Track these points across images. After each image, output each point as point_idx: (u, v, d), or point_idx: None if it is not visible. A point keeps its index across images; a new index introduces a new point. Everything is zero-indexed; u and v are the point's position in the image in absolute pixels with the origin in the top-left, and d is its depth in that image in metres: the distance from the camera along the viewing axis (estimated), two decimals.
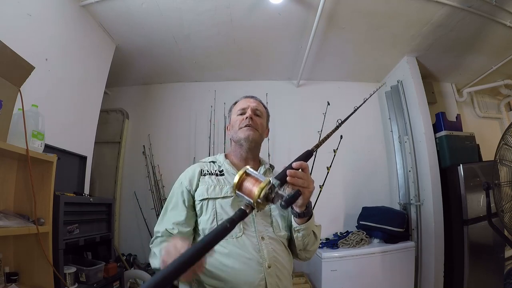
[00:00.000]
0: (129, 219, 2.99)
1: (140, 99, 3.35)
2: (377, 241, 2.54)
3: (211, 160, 1.01)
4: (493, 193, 1.82)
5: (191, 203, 0.91)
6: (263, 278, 0.78)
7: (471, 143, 2.77)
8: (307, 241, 0.86)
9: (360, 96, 1.14)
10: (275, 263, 0.82)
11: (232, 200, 0.86)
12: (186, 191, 0.92)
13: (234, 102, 1.06)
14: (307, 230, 0.83)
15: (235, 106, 1.04)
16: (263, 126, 1.00)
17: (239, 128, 0.96)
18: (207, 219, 0.86)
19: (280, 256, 0.84)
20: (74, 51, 2.04)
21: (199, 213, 0.89)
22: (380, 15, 2.24)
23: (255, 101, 1.02)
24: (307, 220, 0.81)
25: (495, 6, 2.14)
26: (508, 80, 3.20)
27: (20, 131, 1.18)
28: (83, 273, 1.50)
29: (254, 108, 0.99)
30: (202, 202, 0.88)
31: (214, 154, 2.83)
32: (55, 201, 1.34)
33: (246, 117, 0.95)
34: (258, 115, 1.00)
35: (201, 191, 0.89)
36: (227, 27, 2.36)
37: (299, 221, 0.81)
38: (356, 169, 3.03)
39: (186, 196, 0.91)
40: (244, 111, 0.98)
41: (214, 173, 0.94)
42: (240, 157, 0.98)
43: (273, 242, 0.85)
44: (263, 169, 0.99)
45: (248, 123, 0.94)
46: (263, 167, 1.00)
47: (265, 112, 1.05)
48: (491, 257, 2.36)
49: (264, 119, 1.03)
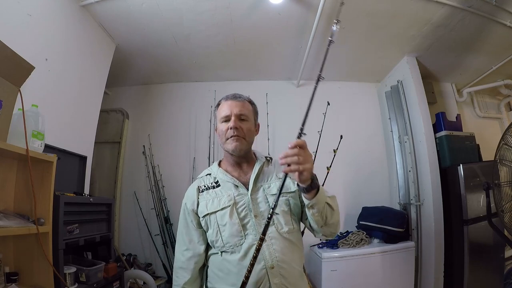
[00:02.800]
0: (129, 219, 2.99)
1: (140, 99, 3.35)
2: (377, 241, 2.54)
3: (207, 173, 1.04)
4: (493, 193, 1.83)
5: (198, 222, 0.98)
6: (267, 280, 0.83)
7: (471, 143, 2.77)
8: (324, 215, 0.85)
9: (360, 96, 1.15)
10: (278, 263, 0.85)
11: (229, 209, 0.91)
12: (191, 213, 0.98)
13: (217, 103, 1.02)
14: (319, 204, 0.82)
15: (218, 109, 1.01)
16: (250, 131, 0.98)
17: (226, 139, 0.95)
18: (212, 232, 0.92)
19: (284, 254, 0.87)
20: (74, 51, 2.04)
21: (206, 228, 0.95)
22: (380, 15, 2.24)
23: (237, 105, 0.97)
24: (316, 193, 0.80)
25: (495, 6, 2.13)
26: (508, 80, 3.21)
27: (20, 131, 1.17)
28: (83, 273, 1.50)
29: (238, 114, 0.95)
30: (205, 218, 0.94)
31: (214, 154, 2.86)
32: (55, 201, 1.34)
33: (230, 128, 0.93)
34: (244, 119, 0.97)
35: (202, 208, 0.95)
36: (227, 27, 2.36)
37: (308, 196, 0.81)
38: (356, 169, 3.03)
39: (193, 217, 0.98)
40: (228, 118, 0.96)
41: (211, 186, 0.98)
42: (233, 163, 1.01)
43: (276, 242, 0.87)
44: (258, 165, 0.99)
45: (233, 134, 0.93)
46: (258, 163, 1.00)
47: (251, 111, 1.01)
48: (491, 257, 2.36)
49: (251, 120, 1.00)
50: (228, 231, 0.89)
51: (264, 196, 0.93)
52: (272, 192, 0.93)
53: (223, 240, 0.89)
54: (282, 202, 0.92)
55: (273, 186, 0.94)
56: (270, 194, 0.93)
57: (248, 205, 0.91)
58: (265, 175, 0.98)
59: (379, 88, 3.31)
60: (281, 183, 0.77)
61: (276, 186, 0.94)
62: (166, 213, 2.86)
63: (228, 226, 0.89)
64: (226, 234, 0.89)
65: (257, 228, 0.87)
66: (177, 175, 3.04)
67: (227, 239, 0.88)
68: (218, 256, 0.91)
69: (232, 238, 0.88)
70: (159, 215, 2.85)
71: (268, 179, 0.97)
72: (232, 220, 0.89)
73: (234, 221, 0.89)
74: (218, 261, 0.91)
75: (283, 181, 0.77)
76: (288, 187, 0.95)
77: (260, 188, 0.95)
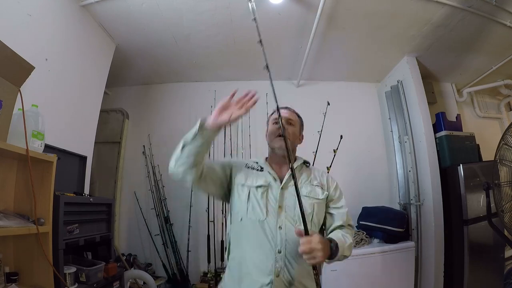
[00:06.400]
0: (129, 219, 2.99)
1: (140, 99, 3.35)
2: (377, 241, 2.53)
3: (255, 161, 1.16)
4: (493, 193, 1.82)
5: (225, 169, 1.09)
6: (273, 264, 0.92)
7: (471, 143, 2.77)
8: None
9: (360, 96, 1.17)
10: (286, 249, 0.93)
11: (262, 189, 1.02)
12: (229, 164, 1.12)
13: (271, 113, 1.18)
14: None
15: (270, 117, 1.18)
16: (295, 134, 1.13)
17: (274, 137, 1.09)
18: (242, 201, 1.02)
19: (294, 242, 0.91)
20: (74, 51, 2.04)
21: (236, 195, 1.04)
22: (380, 15, 2.24)
23: (286, 112, 1.16)
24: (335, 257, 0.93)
25: (495, 6, 2.13)
26: (508, 80, 3.21)
27: (20, 131, 1.17)
28: (83, 273, 1.50)
29: (287, 118, 1.12)
30: (239, 186, 1.05)
31: (214, 154, 2.86)
32: (55, 201, 1.34)
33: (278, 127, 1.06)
34: (291, 124, 1.12)
35: (240, 178, 1.06)
36: (227, 27, 2.36)
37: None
38: (356, 169, 3.03)
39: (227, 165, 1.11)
40: (277, 121, 1.08)
41: (256, 168, 1.11)
42: (277, 162, 1.12)
43: (290, 232, 0.94)
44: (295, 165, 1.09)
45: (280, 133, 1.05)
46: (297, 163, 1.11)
47: (298, 121, 1.18)
48: (491, 257, 2.36)
49: (297, 128, 1.16)
50: (252, 207, 0.99)
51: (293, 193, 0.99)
52: (302, 193, 1.02)
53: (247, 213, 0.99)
54: (307, 204, 1.00)
55: (304, 189, 1.05)
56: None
57: (276, 196, 1.00)
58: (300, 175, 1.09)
59: (379, 88, 3.31)
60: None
61: (307, 190, 1.05)
62: (166, 213, 2.86)
63: (255, 204, 0.99)
64: (250, 208, 0.99)
65: (276, 217, 0.97)
66: None
67: (250, 213, 0.99)
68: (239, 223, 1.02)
69: (254, 214, 0.98)
70: (159, 215, 2.85)
71: (301, 181, 1.08)
72: (260, 200, 0.99)
73: (260, 202, 0.99)
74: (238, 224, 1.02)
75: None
76: (316, 194, 1.05)
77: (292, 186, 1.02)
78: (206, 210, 2.77)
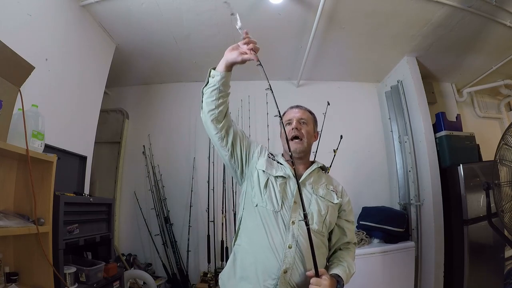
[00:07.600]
0: (129, 219, 2.99)
1: (140, 99, 3.35)
2: (377, 241, 2.53)
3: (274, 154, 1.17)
4: (493, 193, 1.82)
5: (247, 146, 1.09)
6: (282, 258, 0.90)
7: (471, 143, 2.76)
8: None
9: (360, 96, 1.17)
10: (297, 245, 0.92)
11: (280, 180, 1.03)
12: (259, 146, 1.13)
13: (283, 113, 1.18)
14: None
15: (284, 117, 1.17)
16: (309, 133, 1.13)
17: (289, 140, 1.08)
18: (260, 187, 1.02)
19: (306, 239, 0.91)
20: (74, 51, 2.04)
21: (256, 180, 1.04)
22: (380, 15, 2.24)
23: (298, 111, 1.16)
24: None
25: (495, 6, 2.14)
26: (508, 80, 3.21)
27: (20, 131, 1.17)
28: (83, 273, 1.50)
29: (299, 117, 1.13)
30: (260, 171, 1.05)
31: (214, 154, 2.85)
32: (55, 201, 1.34)
33: (292, 128, 1.10)
34: (304, 123, 1.13)
35: (262, 163, 1.07)
36: (227, 27, 2.36)
37: None
38: (356, 169, 3.03)
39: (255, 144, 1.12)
40: (290, 122, 1.13)
41: (276, 160, 1.12)
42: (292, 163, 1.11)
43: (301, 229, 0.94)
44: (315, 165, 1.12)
45: (295, 134, 1.09)
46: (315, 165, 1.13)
47: (311, 119, 1.18)
48: (491, 257, 2.36)
49: (311, 125, 1.16)
50: (269, 196, 1.00)
51: (310, 191, 1.04)
52: (319, 194, 1.04)
53: (263, 199, 1.00)
54: (323, 205, 1.02)
55: (320, 190, 1.06)
56: (315, 193, 1.04)
57: (293, 191, 1.01)
58: (317, 177, 1.11)
59: (379, 88, 3.31)
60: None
61: (323, 192, 1.05)
62: (166, 213, 2.86)
63: (272, 193, 1.00)
64: (266, 197, 1.00)
65: (290, 212, 0.97)
66: (177, 175, 3.04)
67: (266, 201, 0.99)
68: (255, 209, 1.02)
69: (269, 203, 0.99)
70: (159, 215, 2.85)
71: (318, 182, 1.09)
72: (277, 191, 1.00)
73: (277, 193, 1.00)
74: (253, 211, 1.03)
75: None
76: (332, 197, 1.06)
77: (309, 185, 1.06)
78: (206, 210, 2.77)
